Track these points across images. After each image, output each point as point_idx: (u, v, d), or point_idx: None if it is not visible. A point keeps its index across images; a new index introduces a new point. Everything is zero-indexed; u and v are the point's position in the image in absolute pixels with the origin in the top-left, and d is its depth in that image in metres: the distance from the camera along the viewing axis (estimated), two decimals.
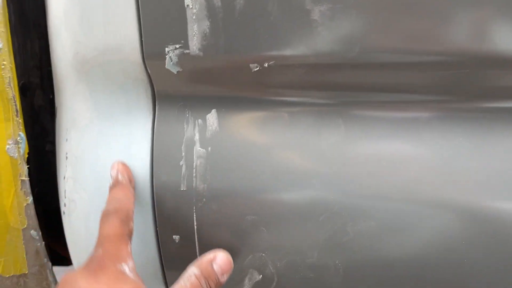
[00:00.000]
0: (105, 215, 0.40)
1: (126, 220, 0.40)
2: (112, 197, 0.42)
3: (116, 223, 0.39)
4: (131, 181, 0.45)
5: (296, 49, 0.39)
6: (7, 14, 0.48)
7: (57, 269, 0.58)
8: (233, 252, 0.44)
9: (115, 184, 0.44)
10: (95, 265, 0.37)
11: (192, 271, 0.39)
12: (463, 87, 0.39)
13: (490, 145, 0.39)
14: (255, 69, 0.41)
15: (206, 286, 0.39)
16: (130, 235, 0.40)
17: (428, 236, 0.40)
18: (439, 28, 0.36)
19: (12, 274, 0.52)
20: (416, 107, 0.40)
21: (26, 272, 0.53)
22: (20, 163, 0.49)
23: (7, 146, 0.49)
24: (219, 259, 0.40)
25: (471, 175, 0.39)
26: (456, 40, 0.36)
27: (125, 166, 0.45)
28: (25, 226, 0.51)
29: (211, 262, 0.40)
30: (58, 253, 0.62)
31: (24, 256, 0.52)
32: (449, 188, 0.39)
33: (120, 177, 0.44)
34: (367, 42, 0.38)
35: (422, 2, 0.35)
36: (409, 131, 0.40)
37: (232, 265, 0.41)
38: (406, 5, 0.36)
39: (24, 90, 0.53)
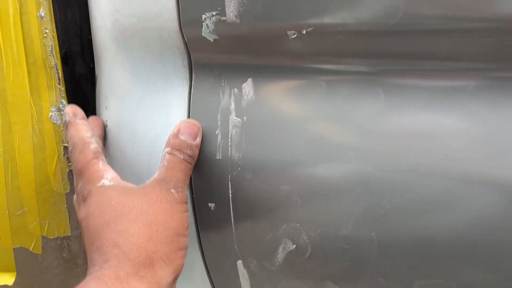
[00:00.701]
0: (70, 155, 0.45)
1: (84, 148, 0.43)
2: (69, 140, 0.46)
3: (77, 156, 0.43)
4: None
5: (336, 16, 0.38)
6: None
7: None
8: (267, 221, 0.44)
9: (67, 126, 0.48)
10: (80, 195, 0.42)
11: (164, 151, 0.43)
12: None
13: None
14: (293, 36, 0.40)
15: (183, 156, 0.42)
16: (96, 154, 0.44)
17: (467, 213, 0.38)
18: None
19: (56, 236, 0.55)
20: (461, 75, 0.38)
21: (69, 235, 0.55)
22: (62, 129, 0.51)
23: (50, 113, 0.50)
24: (183, 128, 0.43)
25: None
26: (504, 5, 0.34)
27: (73, 106, 0.49)
28: (68, 190, 0.53)
29: (177, 135, 0.43)
30: None
31: (68, 219, 0.54)
32: (495, 164, 0.37)
33: (67, 118, 0.48)
34: (409, 8, 0.36)
35: None
36: (453, 101, 0.38)
37: (199, 124, 0.44)
38: None
39: (66, 59, 0.54)
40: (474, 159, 0.37)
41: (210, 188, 0.45)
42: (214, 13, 0.41)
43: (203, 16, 0.42)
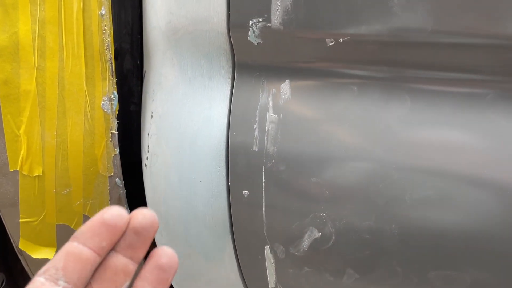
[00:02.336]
0: None
1: None
2: None
3: None
4: None
5: (372, 27, 0.42)
6: None
7: None
8: (296, 210, 0.48)
9: None
10: None
11: None
12: None
13: None
14: (330, 44, 0.45)
15: None
16: None
17: (481, 211, 0.42)
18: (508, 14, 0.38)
19: None
20: (482, 85, 0.42)
21: None
22: (111, 118, 0.56)
23: (102, 102, 0.55)
24: None
25: None
26: None
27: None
28: (112, 174, 0.58)
29: None
30: None
31: (108, 200, 0.59)
32: (507, 166, 0.41)
33: None
34: (439, 23, 0.40)
35: None
36: (473, 109, 0.42)
37: None
38: None
39: (116, 55, 0.60)
40: (489, 161, 0.41)
41: (245, 177, 0.50)
42: (260, 19, 0.46)
43: (250, 21, 0.47)
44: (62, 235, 0.60)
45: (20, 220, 0.60)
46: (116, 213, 0.28)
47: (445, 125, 0.43)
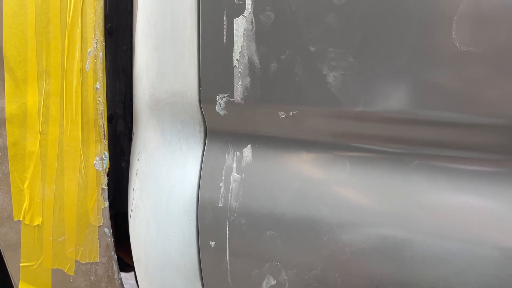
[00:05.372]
0: None
1: None
2: None
3: None
4: None
5: (314, 103, 0.50)
6: (105, 63, 0.64)
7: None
8: (255, 259, 0.55)
9: None
10: None
11: None
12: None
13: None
14: (282, 116, 0.53)
15: None
16: None
17: (410, 264, 0.48)
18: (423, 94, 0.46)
19: (87, 261, 0.67)
20: (408, 155, 0.49)
21: (98, 261, 0.67)
22: (102, 175, 0.64)
23: (95, 161, 0.64)
24: None
25: (464, 215, 0.47)
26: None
27: None
28: (101, 224, 0.65)
29: None
30: (125, 261, 0.77)
31: (98, 248, 0.66)
32: (427, 224, 0.48)
33: None
34: (370, 100, 0.48)
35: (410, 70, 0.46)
36: (399, 173, 0.49)
37: None
38: (404, 70, 0.46)
39: (110, 119, 0.69)
40: (413, 219, 0.48)
41: (212, 229, 0.57)
42: (225, 95, 0.55)
43: (217, 96, 0.55)
44: (56, 278, 0.67)
45: (21, 264, 0.68)
46: None
47: (375, 186, 0.50)
